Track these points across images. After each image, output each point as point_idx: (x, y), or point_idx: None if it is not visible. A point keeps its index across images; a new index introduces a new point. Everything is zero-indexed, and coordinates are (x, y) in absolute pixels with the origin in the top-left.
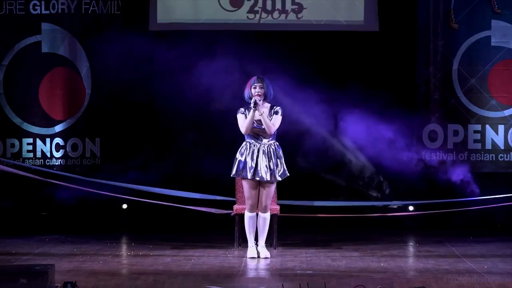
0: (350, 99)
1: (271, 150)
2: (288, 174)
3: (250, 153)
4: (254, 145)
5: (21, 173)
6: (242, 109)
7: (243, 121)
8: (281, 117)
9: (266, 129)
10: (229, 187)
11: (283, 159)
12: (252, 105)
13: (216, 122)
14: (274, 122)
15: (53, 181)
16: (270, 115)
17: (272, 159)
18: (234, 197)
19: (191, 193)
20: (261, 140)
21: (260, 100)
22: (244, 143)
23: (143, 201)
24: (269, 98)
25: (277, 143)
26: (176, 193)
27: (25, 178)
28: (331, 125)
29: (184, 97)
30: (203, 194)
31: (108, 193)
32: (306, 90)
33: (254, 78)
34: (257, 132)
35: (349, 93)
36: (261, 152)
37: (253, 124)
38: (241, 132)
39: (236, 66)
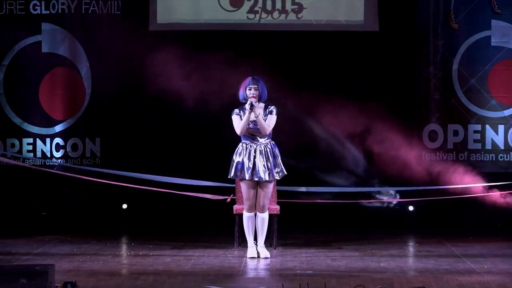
0: (350, 99)
1: (268, 149)
2: (286, 173)
3: (247, 154)
4: (250, 146)
5: (22, 164)
6: (237, 110)
7: (238, 123)
8: (276, 117)
9: (262, 130)
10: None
11: (280, 157)
12: (248, 107)
13: (216, 122)
14: (269, 123)
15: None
16: (265, 114)
17: (269, 158)
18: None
19: (189, 180)
20: (257, 140)
21: (256, 102)
22: (240, 144)
23: (143, 188)
24: (264, 99)
25: (273, 142)
26: (172, 180)
27: (25, 178)
28: (331, 125)
29: (184, 97)
30: (202, 181)
31: (109, 182)
32: (306, 90)
33: (249, 79)
34: (253, 132)
35: (349, 93)
36: (258, 152)
37: (248, 125)
38: (236, 133)
39: (236, 66)
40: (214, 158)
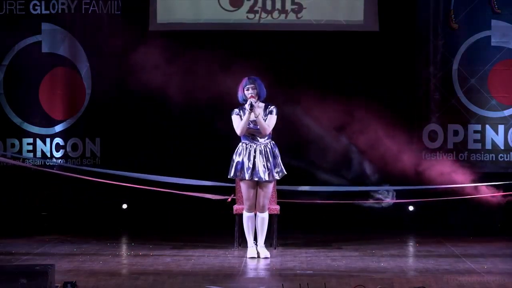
0: (350, 99)
1: (268, 149)
2: (286, 173)
3: (247, 154)
4: (250, 146)
5: (22, 164)
6: (236, 110)
7: (238, 123)
8: (276, 116)
9: (262, 130)
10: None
11: (279, 157)
12: (248, 107)
13: (216, 122)
14: (269, 123)
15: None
16: (265, 114)
17: (269, 158)
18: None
19: (189, 179)
20: (257, 140)
21: (256, 102)
22: (240, 144)
23: (143, 188)
24: (262, 98)
25: (273, 142)
26: (172, 179)
27: (25, 178)
28: (331, 124)
29: (184, 97)
30: (202, 181)
31: (109, 182)
32: (306, 90)
33: (246, 79)
34: (253, 132)
35: (349, 93)
36: (257, 152)
37: (248, 125)
38: (236, 133)
39: (235, 66)
40: (214, 158)
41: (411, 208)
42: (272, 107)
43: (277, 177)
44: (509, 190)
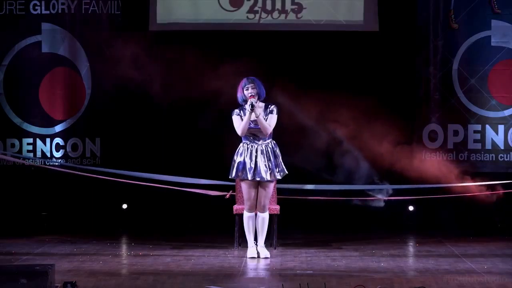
0: (350, 99)
1: (269, 149)
2: (287, 172)
3: (248, 154)
4: (251, 146)
5: (21, 162)
6: (237, 111)
7: (239, 123)
8: (276, 116)
9: (263, 130)
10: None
11: (280, 157)
12: (249, 107)
13: (216, 123)
14: (270, 122)
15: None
16: (266, 114)
17: (270, 158)
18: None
19: (188, 178)
20: (258, 140)
21: (256, 102)
22: (241, 144)
23: (143, 184)
24: (262, 97)
25: (274, 142)
26: (172, 178)
27: (25, 178)
28: (330, 125)
29: (184, 97)
30: (201, 179)
31: (110, 178)
32: (305, 90)
33: (244, 80)
34: (254, 132)
35: (349, 93)
36: (259, 152)
37: (249, 125)
38: (237, 133)
39: (235, 66)
40: (214, 157)
41: (411, 208)
42: (273, 106)
43: (278, 176)
44: (509, 190)
